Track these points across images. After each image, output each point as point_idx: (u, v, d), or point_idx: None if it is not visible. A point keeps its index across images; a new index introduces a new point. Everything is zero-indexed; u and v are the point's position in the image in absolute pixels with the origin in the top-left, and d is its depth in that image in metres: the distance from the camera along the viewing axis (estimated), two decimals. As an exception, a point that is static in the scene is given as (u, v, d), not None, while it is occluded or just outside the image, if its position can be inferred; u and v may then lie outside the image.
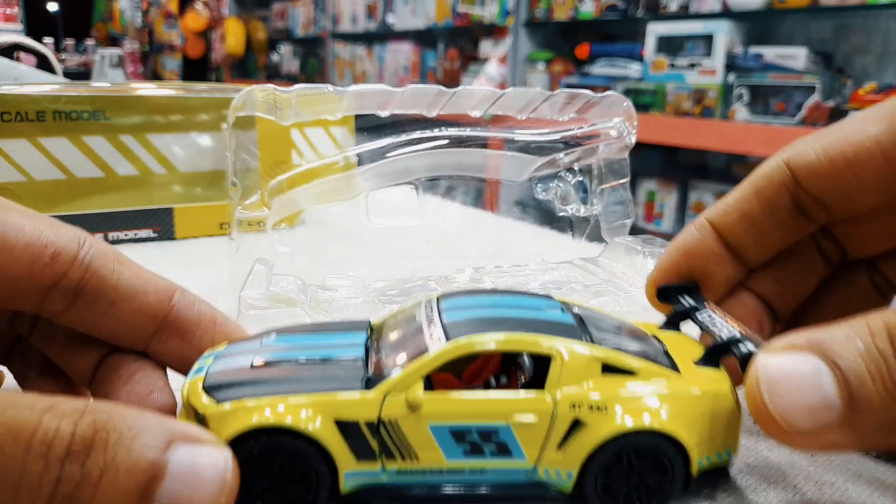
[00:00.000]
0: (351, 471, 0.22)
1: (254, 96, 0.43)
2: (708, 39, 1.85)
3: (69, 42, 4.08)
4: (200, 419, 0.22)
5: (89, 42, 4.18)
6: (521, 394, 0.22)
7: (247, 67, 4.63)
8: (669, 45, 1.95)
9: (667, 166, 2.28)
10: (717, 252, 0.29)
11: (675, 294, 0.29)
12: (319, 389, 0.22)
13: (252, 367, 0.23)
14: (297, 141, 0.65)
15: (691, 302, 0.28)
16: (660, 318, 0.29)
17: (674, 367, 0.24)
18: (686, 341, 0.27)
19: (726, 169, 2.12)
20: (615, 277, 0.45)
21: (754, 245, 0.29)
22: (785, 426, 0.21)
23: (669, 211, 2.13)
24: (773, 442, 0.27)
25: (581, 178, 0.48)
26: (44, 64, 0.95)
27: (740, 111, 1.78)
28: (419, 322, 0.24)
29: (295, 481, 0.22)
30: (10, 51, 0.96)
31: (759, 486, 0.25)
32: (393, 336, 0.25)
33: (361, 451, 0.22)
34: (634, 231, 0.48)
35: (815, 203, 0.27)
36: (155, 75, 4.56)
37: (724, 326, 0.26)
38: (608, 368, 0.23)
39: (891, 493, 0.25)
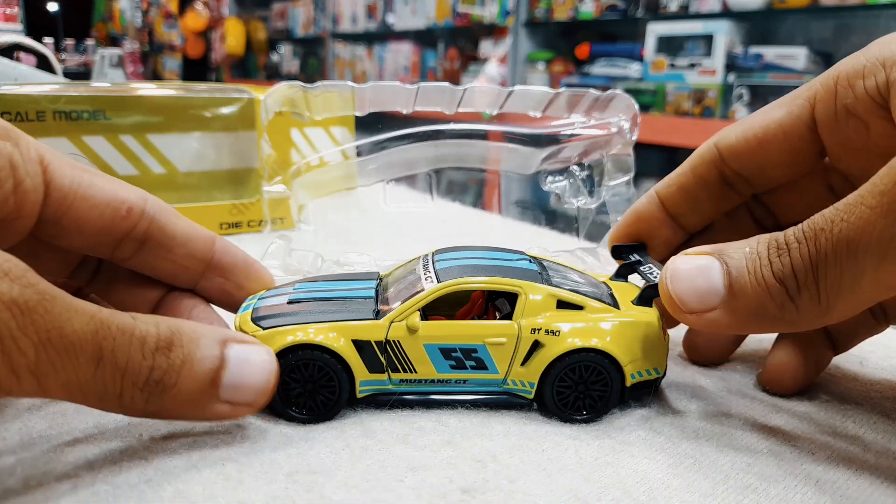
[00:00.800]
0: (365, 380, 0.28)
1: (281, 94, 0.47)
2: (708, 39, 1.85)
3: (69, 42, 4.07)
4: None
5: (89, 42, 4.17)
6: (494, 322, 0.29)
7: (247, 67, 4.63)
8: (669, 45, 1.95)
9: (667, 166, 2.27)
10: (660, 217, 0.34)
11: (626, 252, 0.35)
12: (341, 319, 0.28)
13: (288, 303, 0.30)
14: (297, 140, 0.65)
15: (637, 258, 0.34)
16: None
17: (615, 304, 0.30)
18: (629, 288, 0.33)
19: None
20: (611, 266, 0.45)
21: (691, 212, 0.34)
22: (679, 305, 0.27)
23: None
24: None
25: (588, 173, 0.50)
26: (44, 64, 0.95)
27: (740, 111, 1.78)
28: (416, 271, 0.31)
29: (322, 387, 0.28)
30: (10, 51, 0.95)
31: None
32: (395, 282, 0.31)
33: (373, 364, 0.28)
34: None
35: (738, 177, 0.32)
36: (155, 75, 4.56)
37: (654, 270, 0.32)
38: (562, 304, 0.29)
39: (891, 493, 0.24)
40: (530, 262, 0.31)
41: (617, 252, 0.36)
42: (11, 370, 0.20)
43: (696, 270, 0.26)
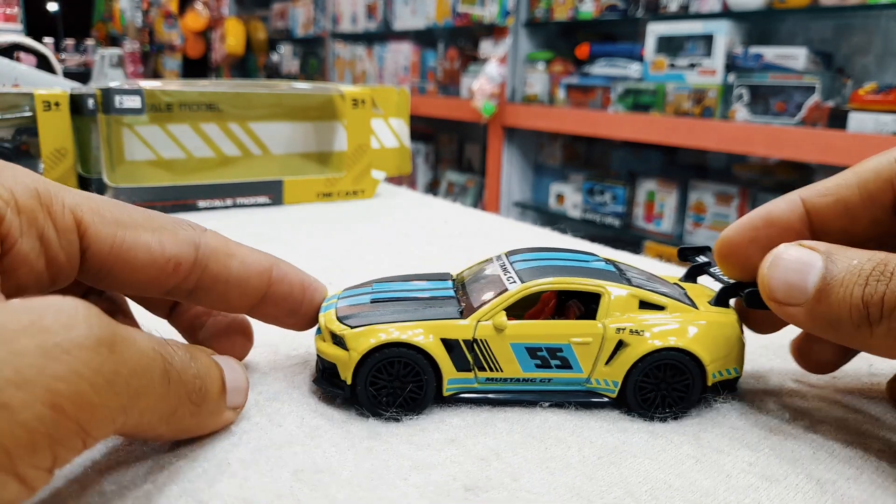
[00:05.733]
0: (452, 378, 0.29)
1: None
2: (708, 39, 1.85)
3: (69, 42, 4.06)
4: (338, 340, 0.29)
5: (89, 42, 4.17)
6: (580, 322, 0.29)
7: (247, 67, 4.63)
8: (669, 45, 1.95)
9: (667, 166, 2.27)
10: (798, 229, 0.29)
11: (692, 254, 0.35)
12: (428, 317, 0.29)
13: (371, 302, 0.30)
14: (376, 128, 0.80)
15: (705, 259, 0.34)
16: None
17: (693, 305, 0.30)
18: (701, 289, 0.33)
19: (726, 169, 2.13)
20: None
21: (841, 232, 0.29)
22: (766, 289, 0.27)
23: (669, 211, 2.13)
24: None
25: None
26: (44, 64, 0.95)
27: (740, 111, 1.78)
28: (495, 271, 0.31)
29: (410, 383, 0.28)
30: (10, 51, 0.96)
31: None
32: (474, 282, 0.31)
33: (460, 363, 0.29)
34: (634, 231, 0.48)
35: None
36: (155, 75, 4.56)
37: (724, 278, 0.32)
38: (644, 304, 0.29)
39: (892, 493, 0.25)
40: (605, 263, 0.32)
41: (682, 255, 0.36)
42: (111, 416, 0.19)
43: (796, 263, 0.26)
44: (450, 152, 3.22)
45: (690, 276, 0.35)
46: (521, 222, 0.70)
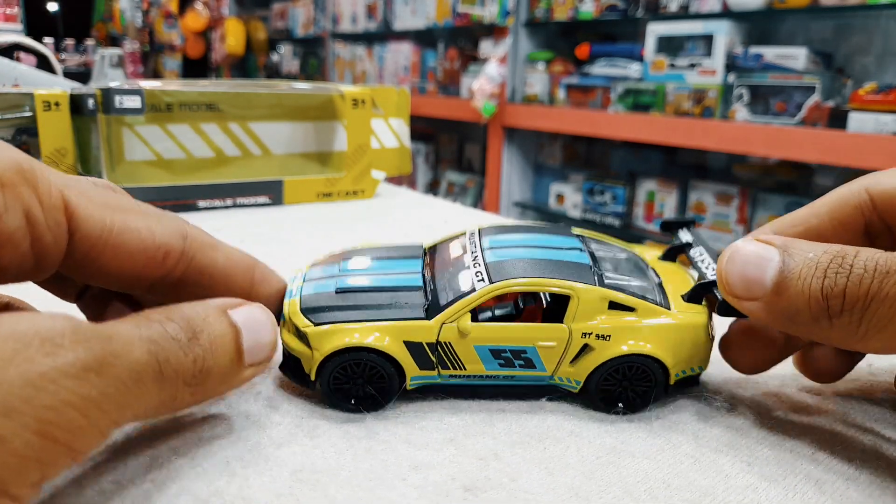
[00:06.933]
0: (415, 376, 0.29)
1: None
2: (708, 39, 1.85)
3: (69, 42, 4.06)
4: (301, 335, 0.29)
5: (89, 42, 4.17)
6: (546, 325, 0.29)
7: (247, 67, 4.63)
8: (669, 45, 1.95)
9: (667, 166, 2.27)
10: None
11: (676, 228, 0.35)
12: (392, 318, 0.28)
13: (336, 292, 0.30)
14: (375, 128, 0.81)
15: (688, 239, 0.34)
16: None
17: (665, 299, 0.30)
18: (677, 273, 0.33)
19: (726, 169, 2.12)
20: None
21: None
22: (724, 284, 0.27)
23: (669, 211, 2.13)
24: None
25: None
26: (44, 64, 0.95)
27: (740, 111, 1.78)
28: (465, 260, 0.30)
29: (374, 383, 0.29)
30: (10, 51, 0.96)
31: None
32: (444, 269, 0.31)
33: (423, 363, 0.29)
34: (634, 231, 0.48)
35: (887, 230, 0.29)
36: (155, 75, 4.56)
37: (711, 265, 0.31)
38: (614, 305, 0.29)
39: (892, 494, 0.25)
40: (581, 250, 0.31)
41: (665, 227, 0.35)
42: (101, 433, 0.19)
43: (753, 258, 0.26)
44: (450, 152, 3.22)
45: (670, 256, 0.35)
46: (521, 222, 0.70)
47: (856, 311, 0.23)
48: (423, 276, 0.31)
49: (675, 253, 0.34)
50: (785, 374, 0.34)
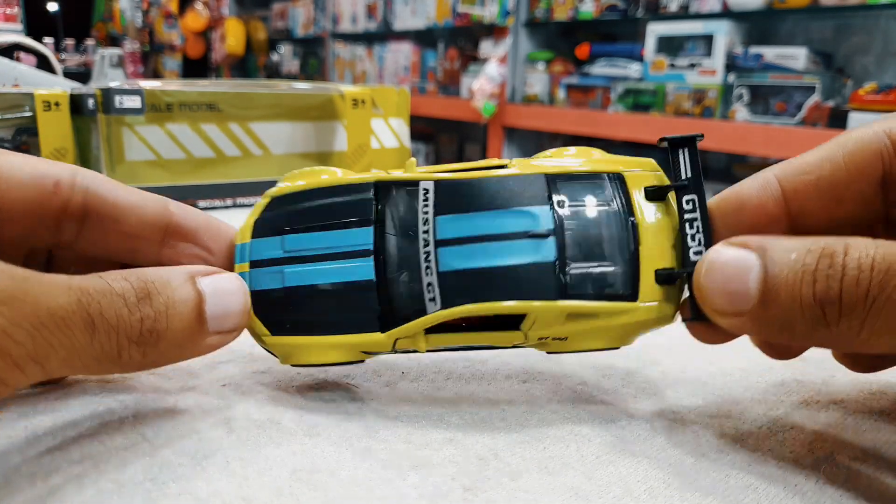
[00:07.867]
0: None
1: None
2: (708, 39, 1.85)
3: (69, 42, 4.06)
4: (258, 336, 0.29)
5: (89, 42, 4.16)
6: (502, 333, 0.28)
7: (247, 67, 4.63)
8: (669, 45, 1.95)
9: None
10: (773, 213, 0.26)
11: (677, 148, 0.29)
12: (345, 331, 0.28)
13: (285, 293, 0.28)
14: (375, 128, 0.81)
15: (687, 171, 0.29)
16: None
17: (634, 283, 0.27)
18: (663, 230, 0.28)
19: (726, 169, 2.13)
20: None
21: (823, 213, 0.26)
22: (706, 302, 0.24)
23: (669, 211, 2.12)
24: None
25: None
26: (44, 64, 0.95)
27: (740, 111, 1.78)
28: (418, 249, 0.28)
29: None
30: (10, 51, 0.96)
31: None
32: (396, 254, 0.28)
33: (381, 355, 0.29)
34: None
35: None
36: (155, 75, 4.56)
37: (699, 236, 0.27)
38: (574, 315, 0.27)
39: (892, 494, 0.25)
40: (547, 234, 0.27)
41: (666, 145, 0.30)
42: (14, 364, 0.20)
43: (734, 267, 0.23)
44: (450, 152, 3.22)
45: (658, 197, 0.29)
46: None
47: (856, 315, 0.21)
48: (375, 261, 0.28)
49: (665, 192, 0.29)
50: (785, 374, 0.34)
